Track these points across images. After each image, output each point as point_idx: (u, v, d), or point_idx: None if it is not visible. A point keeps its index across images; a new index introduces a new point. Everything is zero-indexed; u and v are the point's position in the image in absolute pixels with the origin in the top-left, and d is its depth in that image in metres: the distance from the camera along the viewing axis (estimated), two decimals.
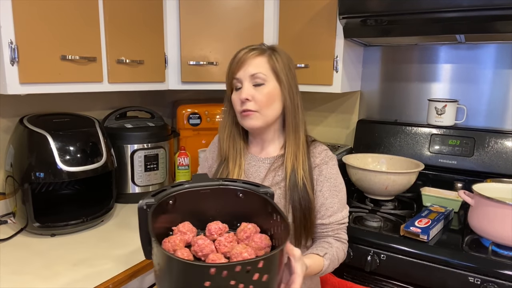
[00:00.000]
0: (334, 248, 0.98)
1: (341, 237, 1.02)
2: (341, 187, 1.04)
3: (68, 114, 1.38)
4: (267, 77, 0.98)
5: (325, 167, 1.02)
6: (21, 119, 1.27)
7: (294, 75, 1.03)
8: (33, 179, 1.18)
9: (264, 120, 1.01)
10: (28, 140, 1.20)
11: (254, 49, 1.00)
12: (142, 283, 1.12)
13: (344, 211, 1.04)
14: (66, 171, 1.20)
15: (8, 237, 1.22)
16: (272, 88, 0.99)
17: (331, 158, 1.05)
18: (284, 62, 1.00)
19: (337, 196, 1.02)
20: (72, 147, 1.23)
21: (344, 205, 1.04)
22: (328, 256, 0.94)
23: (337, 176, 1.04)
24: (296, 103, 1.03)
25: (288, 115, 1.02)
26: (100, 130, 1.33)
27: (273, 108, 1.00)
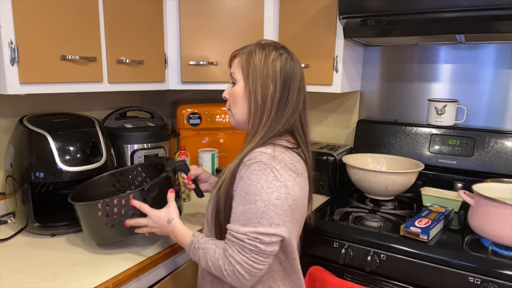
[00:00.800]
0: (212, 247, 0.90)
1: (227, 249, 0.87)
2: (251, 199, 0.85)
3: (68, 114, 1.38)
4: (238, 76, 0.98)
5: (246, 168, 0.88)
6: (21, 119, 1.26)
7: (271, 77, 0.94)
8: (33, 179, 1.17)
9: (234, 119, 1.01)
10: (28, 140, 1.20)
11: (240, 48, 1.01)
12: (142, 283, 1.12)
13: (243, 228, 0.85)
14: (66, 171, 1.19)
15: (8, 237, 1.22)
16: (238, 88, 0.97)
17: (258, 164, 0.87)
18: (261, 63, 0.94)
19: (243, 205, 0.86)
20: (72, 147, 1.22)
21: (247, 221, 0.85)
22: (200, 243, 0.93)
23: (251, 184, 0.86)
24: (261, 106, 0.94)
25: (250, 116, 0.96)
26: (100, 130, 1.33)
27: (239, 108, 0.98)
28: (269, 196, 0.84)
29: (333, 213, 1.44)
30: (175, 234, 1.00)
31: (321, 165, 1.67)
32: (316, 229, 1.34)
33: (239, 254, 0.85)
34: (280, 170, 0.87)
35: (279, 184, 0.86)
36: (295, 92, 0.96)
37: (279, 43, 1.00)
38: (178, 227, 1.00)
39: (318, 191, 1.70)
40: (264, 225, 0.84)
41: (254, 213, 0.85)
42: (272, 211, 0.85)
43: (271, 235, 0.85)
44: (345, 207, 1.51)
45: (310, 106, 2.05)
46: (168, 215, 1.02)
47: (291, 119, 0.96)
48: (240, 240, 0.85)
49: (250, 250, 0.84)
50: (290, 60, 0.96)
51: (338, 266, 1.30)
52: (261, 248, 0.84)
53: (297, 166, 0.93)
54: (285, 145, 0.94)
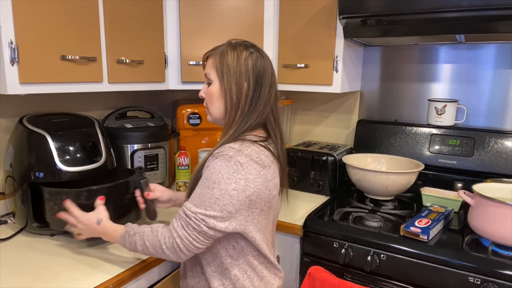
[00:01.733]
0: (148, 229, 0.99)
1: (173, 222, 0.96)
2: (209, 185, 0.92)
3: (68, 114, 1.38)
4: (213, 77, 1.03)
5: (213, 158, 0.95)
6: (21, 119, 1.26)
7: (245, 75, 1.00)
8: (32, 179, 1.18)
9: (212, 117, 1.07)
10: (27, 140, 1.20)
11: (212, 49, 1.05)
12: (142, 283, 1.12)
13: (196, 208, 0.92)
14: (65, 171, 1.19)
15: (8, 237, 1.22)
16: (214, 88, 1.03)
17: (223, 156, 0.93)
18: (234, 63, 1.00)
19: (201, 189, 0.93)
20: (71, 147, 1.22)
21: (200, 203, 0.92)
22: (134, 229, 1.01)
23: (213, 171, 0.92)
24: (236, 103, 1.00)
25: (227, 112, 1.02)
26: (99, 130, 1.33)
27: (216, 107, 1.04)
28: (226, 187, 0.92)
29: (333, 213, 1.44)
30: (106, 233, 1.06)
31: (321, 165, 1.67)
32: (316, 229, 1.34)
33: (182, 229, 0.93)
34: (244, 164, 0.93)
35: (240, 176, 0.92)
36: (267, 87, 1.02)
37: (249, 42, 1.05)
38: (108, 225, 1.06)
39: (318, 191, 1.70)
40: (215, 210, 0.92)
41: (209, 198, 0.92)
42: (226, 199, 0.92)
43: (219, 220, 0.92)
44: (345, 207, 1.51)
45: (310, 106, 2.05)
46: (97, 217, 1.08)
47: (263, 113, 1.02)
48: (188, 217, 0.93)
49: (193, 228, 0.93)
50: (260, 58, 1.03)
51: (338, 266, 1.30)
52: (204, 229, 0.92)
53: (263, 158, 0.98)
54: (253, 139, 1.00)
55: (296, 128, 2.12)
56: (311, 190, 1.72)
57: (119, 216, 1.18)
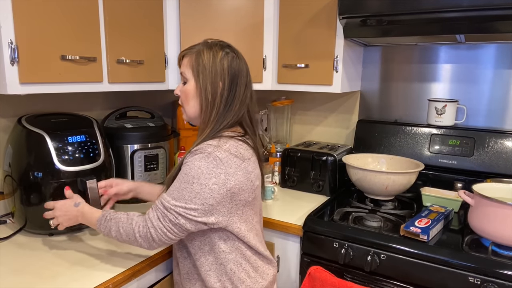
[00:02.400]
0: (124, 216, 1.01)
1: (149, 212, 0.98)
2: (188, 179, 0.94)
3: (67, 114, 1.38)
4: (189, 76, 1.05)
5: (192, 155, 0.97)
6: (19, 119, 1.26)
7: (220, 75, 1.02)
8: (31, 178, 1.18)
9: (187, 115, 1.09)
10: (26, 140, 1.20)
11: (188, 48, 1.07)
12: (142, 283, 1.12)
13: (174, 201, 0.94)
14: (64, 171, 1.20)
15: (6, 237, 1.22)
16: (189, 87, 1.05)
17: (203, 153, 0.95)
18: (210, 62, 1.02)
19: (180, 183, 0.95)
20: (69, 147, 1.22)
21: (179, 197, 0.94)
22: (111, 215, 1.03)
23: (193, 167, 0.94)
24: (211, 102, 1.02)
25: (202, 111, 1.04)
26: (98, 130, 1.33)
27: (191, 105, 1.06)
28: (206, 181, 0.94)
29: (333, 213, 1.44)
30: (84, 215, 1.08)
31: (321, 165, 1.67)
32: (316, 229, 1.34)
33: (157, 220, 0.96)
34: (223, 159, 0.95)
35: (220, 171, 0.95)
36: (242, 87, 1.05)
37: (225, 42, 1.08)
38: (86, 208, 1.09)
39: (318, 191, 1.70)
40: (196, 204, 0.94)
41: (189, 192, 0.94)
42: (207, 193, 0.94)
43: (201, 213, 0.94)
44: (345, 207, 1.51)
45: (310, 106, 2.05)
46: (73, 200, 1.11)
47: (239, 112, 1.05)
48: (166, 209, 0.95)
49: (169, 221, 0.95)
50: (236, 58, 1.05)
51: (338, 266, 1.30)
52: (181, 221, 0.95)
53: (242, 152, 1.00)
54: (229, 135, 1.02)
55: (296, 128, 2.12)
56: (311, 190, 1.72)
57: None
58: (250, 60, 1.69)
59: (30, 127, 1.21)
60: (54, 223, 1.12)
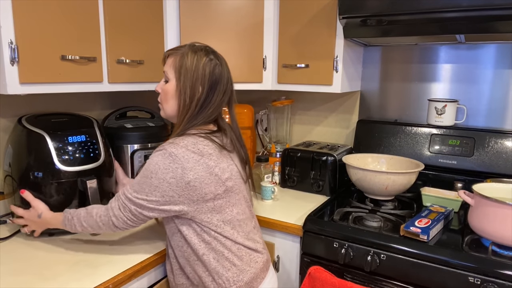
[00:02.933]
0: (83, 211, 1.09)
1: (111, 202, 1.06)
2: (147, 174, 1.00)
3: (67, 114, 1.37)
4: (171, 76, 1.08)
5: (152, 153, 1.03)
6: (20, 119, 1.26)
7: (201, 80, 1.05)
8: (31, 179, 1.18)
9: (164, 113, 1.13)
10: (26, 140, 1.20)
11: (174, 48, 1.10)
12: (142, 283, 1.12)
13: (135, 194, 1.01)
14: (64, 171, 1.20)
15: (6, 237, 1.22)
16: (170, 86, 1.09)
17: (161, 150, 1.01)
18: (192, 66, 1.05)
19: (140, 177, 1.01)
20: (70, 147, 1.22)
21: (139, 190, 1.01)
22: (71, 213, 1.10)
23: (151, 162, 1.00)
24: (187, 105, 1.06)
25: (179, 112, 1.08)
26: (98, 130, 1.33)
27: (169, 105, 1.10)
28: (164, 176, 0.98)
29: (333, 213, 1.44)
30: (49, 223, 1.15)
31: (321, 165, 1.67)
32: (316, 229, 1.34)
33: (118, 210, 1.03)
34: (179, 155, 0.99)
35: (176, 166, 0.98)
36: (220, 94, 1.09)
37: (210, 48, 1.11)
38: (48, 216, 1.14)
39: (318, 191, 1.70)
40: (156, 196, 1.00)
41: (148, 186, 1.00)
42: (166, 187, 0.99)
43: (162, 204, 1.00)
44: (345, 207, 1.51)
45: (310, 106, 2.05)
46: (36, 211, 1.15)
47: (211, 116, 1.09)
48: (127, 200, 1.02)
49: (129, 211, 1.02)
50: (219, 66, 1.08)
51: (338, 266, 1.30)
52: (141, 211, 1.01)
53: (201, 148, 1.03)
54: (192, 133, 1.06)
55: (296, 128, 2.12)
56: (311, 190, 1.72)
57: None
58: (250, 60, 1.69)
59: (30, 127, 1.21)
60: (28, 230, 1.19)
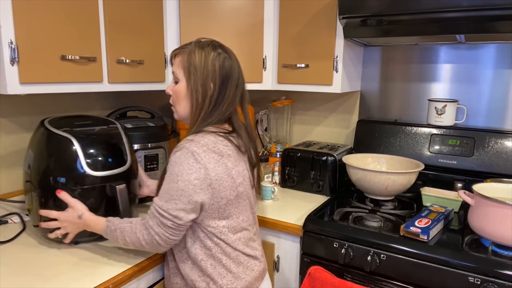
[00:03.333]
0: (128, 225, 1.03)
1: (148, 221, 1.00)
2: (173, 178, 0.96)
3: (88, 117, 1.32)
4: (180, 76, 1.04)
5: (173, 153, 0.98)
6: (42, 122, 1.20)
7: (211, 76, 1.01)
8: (53, 183, 1.11)
9: (178, 115, 1.10)
10: (52, 144, 1.14)
11: (180, 47, 1.06)
12: (142, 283, 1.12)
13: (166, 204, 0.96)
14: (93, 176, 1.14)
15: (11, 239, 1.22)
16: (181, 87, 1.05)
17: (181, 148, 0.96)
18: (201, 63, 1.01)
19: (168, 184, 0.97)
20: (98, 151, 1.17)
21: (169, 198, 0.96)
22: (114, 225, 1.04)
23: (174, 165, 0.96)
24: (200, 104, 1.02)
25: (192, 112, 1.05)
26: (123, 133, 1.28)
27: (182, 105, 1.06)
28: (189, 177, 0.95)
29: (333, 213, 1.44)
30: (89, 226, 1.09)
31: (321, 165, 1.67)
32: (316, 229, 1.34)
33: (158, 227, 0.98)
34: (201, 154, 0.96)
35: (199, 166, 0.95)
36: (233, 89, 1.04)
37: (217, 42, 1.06)
38: (89, 218, 1.08)
39: (318, 191, 1.70)
40: (183, 202, 0.95)
41: (176, 191, 0.95)
42: (191, 189, 0.95)
43: (188, 212, 0.96)
44: (345, 207, 1.51)
45: (310, 106, 2.05)
46: (76, 212, 1.09)
47: (225, 112, 1.04)
48: (161, 216, 0.97)
49: (168, 226, 0.97)
50: (228, 59, 1.04)
51: (338, 266, 1.30)
52: (178, 223, 0.97)
53: (221, 148, 1.00)
54: (210, 130, 1.02)
55: (296, 128, 2.12)
56: (311, 190, 1.72)
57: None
58: (250, 60, 1.69)
59: (57, 130, 1.15)
60: (62, 233, 1.12)
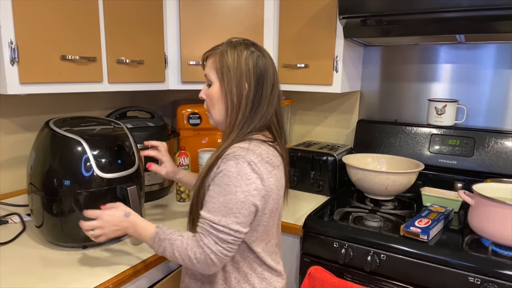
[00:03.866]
0: (179, 238, 0.93)
1: (202, 239, 0.90)
2: (231, 190, 0.88)
3: (92, 118, 1.31)
4: (213, 78, 0.99)
5: (224, 161, 0.91)
6: (47, 123, 1.18)
7: (245, 75, 0.96)
8: (57, 185, 1.10)
9: (213, 120, 1.04)
10: (59, 145, 1.12)
11: (211, 49, 1.02)
12: (142, 283, 1.12)
13: (225, 219, 0.88)
14: (103, 178, 1.13)
15: (11, 239, 1.22)
16: (214, 89, 0.99)
17: (236, 158, 0.90)
18: (234, 63, 0.96)
19: (223, 196, 0.89)
20: (107, 153, 1.15)
21: (227, 212, 0.88)
22: (165, 234, 0.95)
23: (231, 176, 0.89)
24: (236, 105, 0.96)
25: (227, 115, 0.99)
26: (130, 134, 1.28)
27: (217, 109, 1.00)
28: (248, 187, 0.89)
29: (333, 213, 1.44)
30: (135, 227, 1.00)
31: (321, 165, 1.67)
32: (316, 229, 1.34)
33: (215, 244, 0.89)
34: (258, 164, 0.91)
35: (256, 176, 0.90)
36: (269, 87, 0.99)
37: (249, 40, 1.02)
38: (138, 219, 1.01)
39: (318, 191, 1.70)
40: (244, 215, 0.89)
41: (235, 203, 0.88)
42: (250, 201, 0.89)
43: (245, 226, 0.90)
44: (345, 207, 1.51)
45: (310, 106, 2.05)
46: (123, 210, 1.02)
47: (267, 114, 0.99)
48: (219, 232, 0.89)
49: (227, 242, 0.89)
50: (261, 57, 0.99)
51: (338, 266, 1.30)
52: (239, 237, 0.90)
53: (273, 159, 0.96)
54: (261, 139, 0.97)
55: (296, 128, 2.12)
56: (311, 190, 1.72)
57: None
58: None
59: (65, 132, 1.13)
60: (97, 234, 1.01)
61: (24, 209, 1.38)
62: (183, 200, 1.60)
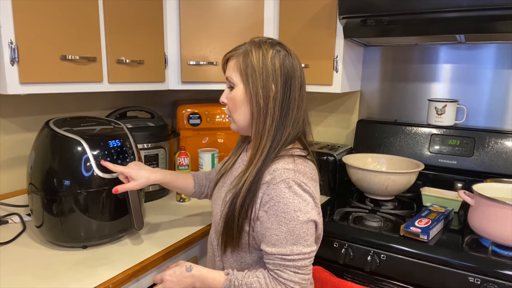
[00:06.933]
0: (255, 279, 0.88)
1: (280, 275, 0.86)
2: (292, 216, 0.85)
3: (92, 118, 1.30)
4: (236, 80, 0.93)
5: (272, 187, 0.87)
6: (47, 123, 1.18)
7: (272, 76, 0.90)
8: (56, 186, 1.09)
9: (236, 125, 0.98)
10: (58, 145, 1.12)
11: (233, 49, 0.96)
12: (142, 283, 1.12)
13: (296, 247, 0.85)
14: (104, 178, 1.12)
15: (11, 239, 1.22)
16: (238, 92, 0.93)
17: (285, 182, 0.86)
18: (259, 63, 0.90)
19: (286, 225, 0.85)
20: (108, 152, 1.15)
21: (296, 239, 0.86)
22: (238, 279, 0.89)
23: (287, 202, 0.85)
24: (263, 108, 0.90)
25: (253, 120, 0.92)
26: (130, 134, 1.27)
27: (240, 113, 0.95)
28: (306, 208, 0.87)
29: (333, 213, 1.44)
30: (203, 281, 0.93)
31: (321, 165, 1.67)
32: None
33: (296, 275, 0.86)
34: (308, 183, 0.89)
35: (309, 195, 0.88)
36: (297, 89, 0.93)
37: (275, 39, 0.96)
38: (203, 271, 0.94)
39: None
40: (311, 234, 0.89)
41: (300, 228, 0.86)
42: (311, 220, 0.88)
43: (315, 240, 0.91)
44: (345, 207, 1.51)
45: (310, 106, 2.05)
46: (184, 264, 0.95)
47: (298, 119, 0.93)
48: (294, 261, 0.86)
49: (305, 266, 0.87)
50: (288, 56, 0.93)
51: (338, 266, 1.30)
52: (313, 256, 0.90)
53: (315, 175, 0.95)
54: (300, 154, 0.93)
55: None
56: None
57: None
58: None
59: (64, 132, 1.13)
60: None
61: (24, 209, 1.38)
62: (183, 200, 1.60)
